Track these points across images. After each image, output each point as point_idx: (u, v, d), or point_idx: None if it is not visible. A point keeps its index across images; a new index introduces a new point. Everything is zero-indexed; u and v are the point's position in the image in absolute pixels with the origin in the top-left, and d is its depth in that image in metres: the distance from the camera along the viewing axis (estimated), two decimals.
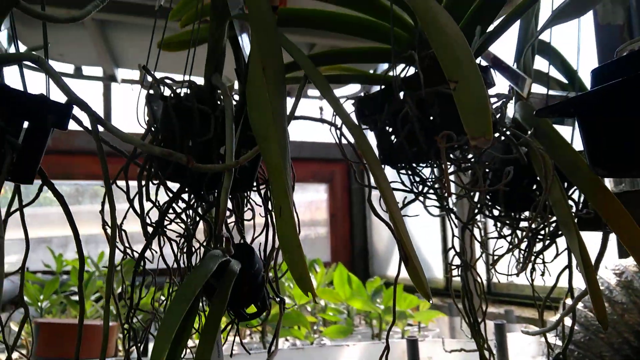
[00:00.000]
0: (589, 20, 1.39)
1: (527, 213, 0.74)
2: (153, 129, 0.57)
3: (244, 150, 0.58)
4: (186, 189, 0.57)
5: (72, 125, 0.49)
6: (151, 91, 0.59)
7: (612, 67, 0.47)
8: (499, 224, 0.76)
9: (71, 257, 2.48)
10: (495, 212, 0.75)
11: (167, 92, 0.58)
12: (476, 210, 0.71)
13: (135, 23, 1.54)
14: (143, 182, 0.57)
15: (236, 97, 0.64)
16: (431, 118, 0.54)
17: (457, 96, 0.37)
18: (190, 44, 0.64)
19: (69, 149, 2.37)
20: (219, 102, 0.60)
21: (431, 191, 0.64)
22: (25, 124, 0.45)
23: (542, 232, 0.70)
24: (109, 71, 1.95)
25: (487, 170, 0.67)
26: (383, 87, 0.58)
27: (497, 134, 0.60)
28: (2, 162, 0.41)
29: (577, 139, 0.68)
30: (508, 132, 0.60)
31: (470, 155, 0.59)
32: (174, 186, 0.59)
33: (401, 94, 0.56)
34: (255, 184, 0.61)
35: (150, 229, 0.57)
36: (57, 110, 0.44)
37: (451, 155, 0.58)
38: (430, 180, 0.62)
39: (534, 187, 0.71)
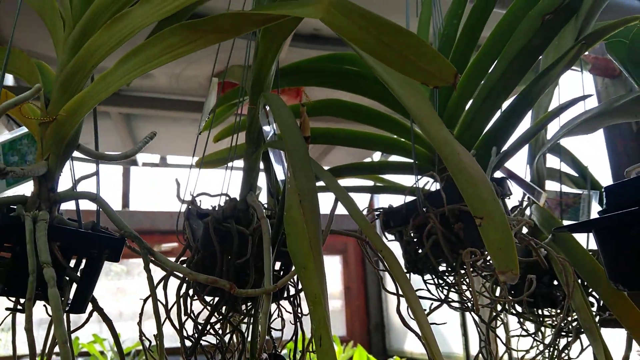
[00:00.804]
0: (593, 101, 1.45)
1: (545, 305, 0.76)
2: (192, 244, 0.61)
3: (277, 262, 0.61)
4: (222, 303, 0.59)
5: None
6: (186, 206, 0.63)
7: (624, 187, 0.50)
8: (522, 320, 0.77)
9: (86, 339, 2.46)
10: (518, 308, 0.76)
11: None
12: (499, 308, 0.73)
13: (158, 115, 1.64)
14: (181, 292, 0.60)
15: (263, 199, 0.68)
16: (455, 232, 0.57)
17: (483, 232, 0.40)
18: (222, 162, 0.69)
19: None
20: (251, 213, 0.64)
21: (455, 294, 0.66)
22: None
23: (566, 328, 0.71)
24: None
25: None
26: (407, 200, 0.62)
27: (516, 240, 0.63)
28: (62, 296, 0.44)
29: (592, 239, 0.70)
30: (527, 237, 0.63)
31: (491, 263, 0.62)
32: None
33: (424, 207, 0.60)
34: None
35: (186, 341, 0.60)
36: (111, 245, 0.48)
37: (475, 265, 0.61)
38: (453, 284, 0.64)
39: (555, 282, 0.73)
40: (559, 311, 0.69)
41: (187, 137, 1.84)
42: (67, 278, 0.47)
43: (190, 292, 0.61)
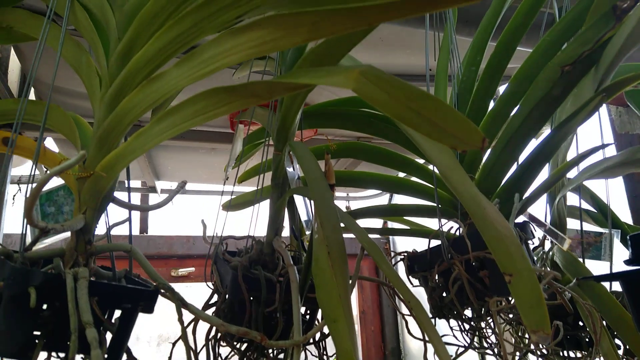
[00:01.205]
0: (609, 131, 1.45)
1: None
2: (220, 290, 0.62)
3: (303, 307, 0.62)
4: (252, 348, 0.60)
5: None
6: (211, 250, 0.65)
7: None
8: None
9: None
10: (544, 350, 0.76)
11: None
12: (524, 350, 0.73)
13: (176, 145, 1.67)
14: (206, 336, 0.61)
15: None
16: (480, 279, 0.57)
17: (513, 290, 0.41)
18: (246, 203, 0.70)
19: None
20: (277, 257, 0.65)
21: (480, 339, 0.66)
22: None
23: None
24: (150, 183, 2.07)
25: None
26: (431, 245, 0.62)
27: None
28: (101, 348, 0.46)
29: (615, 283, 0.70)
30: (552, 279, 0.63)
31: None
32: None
33: (449, 254, 0.61)
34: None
35: None
36: (146, 297, 0.49)
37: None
38: (478, 328, 0.65)
39: (580, 323, 0.72)
40: (585, 353, 0.69)
41: (204, 166, 1.87)
42: (102, 328, 0.49)
43: (218, 335, 0.62)
